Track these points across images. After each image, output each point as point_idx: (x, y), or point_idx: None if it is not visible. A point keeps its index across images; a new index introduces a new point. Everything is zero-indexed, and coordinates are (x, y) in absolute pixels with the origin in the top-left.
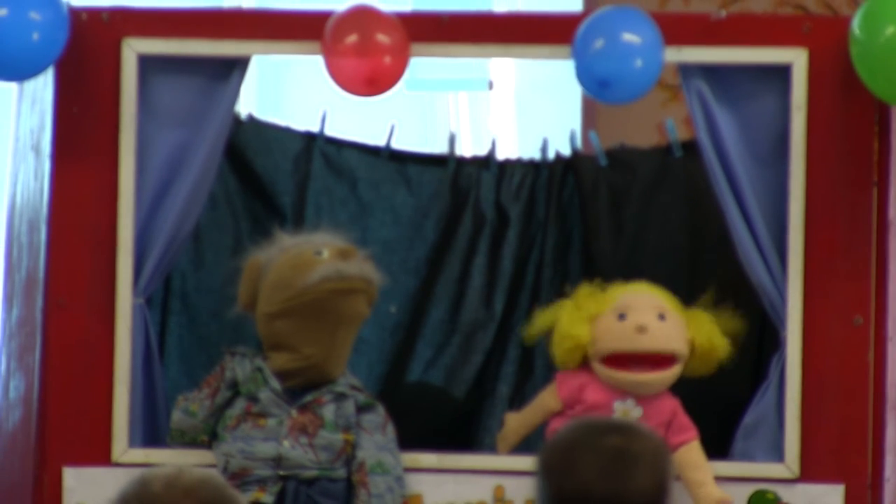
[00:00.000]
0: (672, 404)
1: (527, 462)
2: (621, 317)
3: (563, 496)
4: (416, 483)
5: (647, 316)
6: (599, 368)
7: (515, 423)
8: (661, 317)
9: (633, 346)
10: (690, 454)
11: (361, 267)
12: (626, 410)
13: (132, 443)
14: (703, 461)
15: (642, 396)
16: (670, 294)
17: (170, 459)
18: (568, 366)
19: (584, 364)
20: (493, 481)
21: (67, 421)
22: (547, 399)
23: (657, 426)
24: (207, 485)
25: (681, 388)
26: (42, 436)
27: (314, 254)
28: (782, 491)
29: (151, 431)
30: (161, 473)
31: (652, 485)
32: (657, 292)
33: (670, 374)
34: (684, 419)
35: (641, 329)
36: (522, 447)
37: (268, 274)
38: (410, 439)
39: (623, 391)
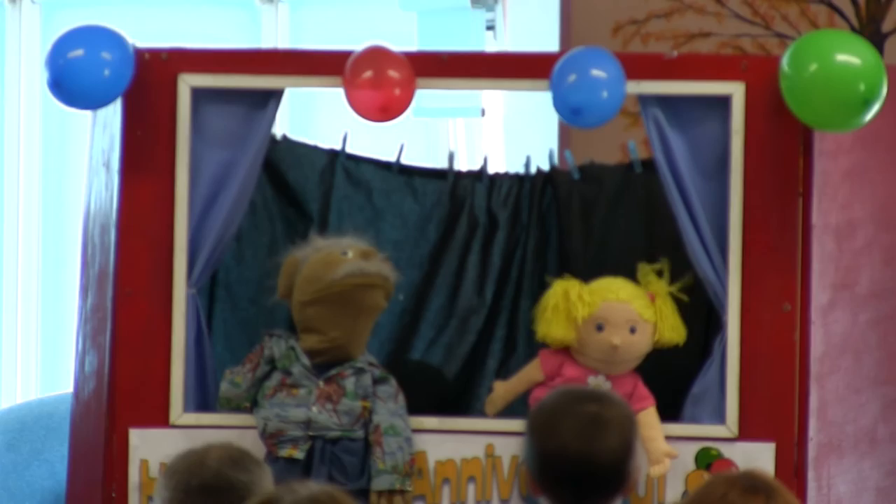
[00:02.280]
0: (634, 378)
1: (513, 424)
2: (599, 328)
3: (545, 453)
4: (421, 442)
5: (621, 332)
6: (578, 356)
7: (503, 389)
8: (633, 330)
9: (607, 357)
10: (647, 417)
11: (380, 266)
12: (597, 384)
13: (186, 408)
14: (656, 423)
15: (610, 374)
16: (641, 291)
17: (217, 422)
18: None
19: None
20: (485, 440)
21: (133, 390)
22: (532, 372)
23: (622, 396)
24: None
25: (643, 364)
26: (112, 403)
27: (341, 254)
28: (724, 448)
29: (202, 398)
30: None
31: (619, 445)
32: (632, 298)
33: (634, 364)
34: (644, 390)
35: (614, 348)
36: (508, 412)
37: (302, 269)
38: (414, 404)
39: (595, 370)
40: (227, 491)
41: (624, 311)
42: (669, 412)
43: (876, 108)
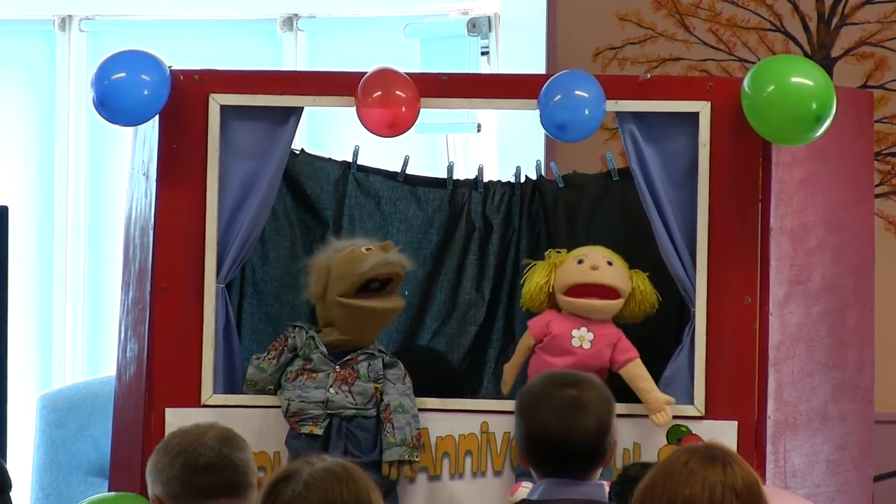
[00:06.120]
0: (617, 331)
1: (505, 404)
2: (580, 262)
3: (531, 432)
4: (423, 420)
5: (599, 261)
6: (562, 299)
7: (509, 367)
8: (610, 263)
9: (587, 279)
10: (637, 369)
11: (399, 256)
12: (581, 336)
13: (216, 390)
14: (646, 374)
15: (593, 323)
16: (619, 256)
17: (243, 402)
18: (536, 307)
19: (550, 308)
20: (480, 418)
21: (168, 374)
22: (525, 341)
23: (605, 346)
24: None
25: None
26: (150, 385)
27: (364, 249)
28: (692, 425)
29: (229, 381)
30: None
31: (595, 425)
32: (607, 250)
33: (614, 304)
34: (627, 343)
35: (594, 268)
36: (500, 394)
37: (332, 269)
38: (421, 387)
39: (579, 321)
40: (229, 469)
41: (600, 250)
42: None
43: (826, 124)
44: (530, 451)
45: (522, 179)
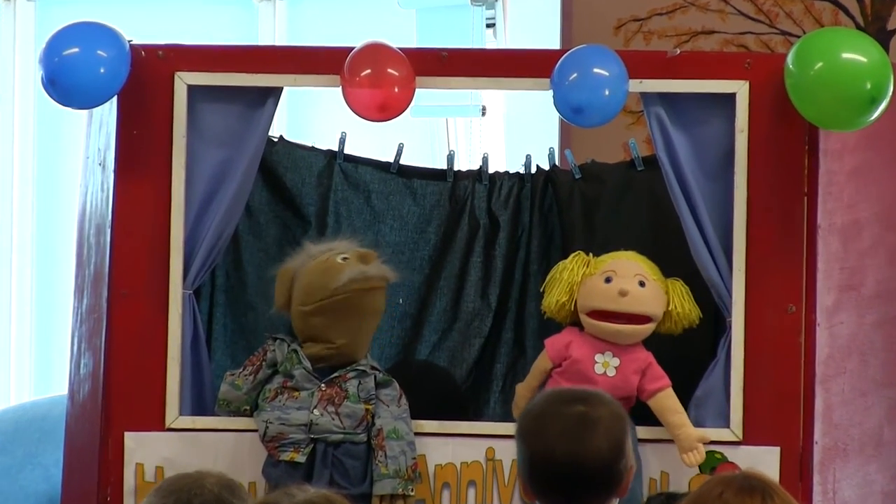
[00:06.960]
0: (646, 355)
1: (512, 428)
2: (607, 280)
3: (534, 457)
4: (420, 446)
5: (630, 283)
6: (585, 319)
7: (522, 389)
8: (642, 284)
9: (615, 306)
10: (668, 400)
11: (380, 268)
12: (605, 362)
13: (182, 411)
14: (678, 406)
15: (619, 347)
16: (653, 264)
17: (213, 425)
18: (559, 320)
19: (571, 324)
20: (485, 443)
21: (128, 393)
22: (541, 363)
23: (633, 373)
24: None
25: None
26: (107, 405)
27: (339, 259)
28: (728, 452)
29: (198, 401)
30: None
31: (607, 445)
32: (640, 261)
33: (644, 329)
34: (658, 369)
35: (623, 293)
36: (507, 416)
37: (300, 278)
38: (419, 410)
39: (602, 345)
40: None
41: (633, 266)
42: None
43: (883, 106)
44: (534, 478)
45: (533, 170)
